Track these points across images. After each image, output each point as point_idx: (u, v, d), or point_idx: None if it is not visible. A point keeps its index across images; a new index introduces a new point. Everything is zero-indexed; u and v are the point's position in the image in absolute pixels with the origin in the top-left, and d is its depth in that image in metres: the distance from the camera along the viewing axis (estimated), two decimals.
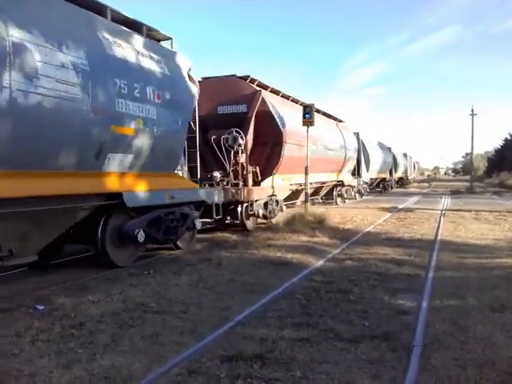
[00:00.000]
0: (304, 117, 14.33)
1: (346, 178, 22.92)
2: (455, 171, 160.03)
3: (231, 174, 12.03)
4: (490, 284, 6.39)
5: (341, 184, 22.32)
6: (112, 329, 4.60)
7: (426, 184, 61.37)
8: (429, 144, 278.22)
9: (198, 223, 9.44)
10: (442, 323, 4.78)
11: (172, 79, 8.55)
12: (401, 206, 20.56)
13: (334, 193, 22.33)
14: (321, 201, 22.11)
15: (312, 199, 18.81)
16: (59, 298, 5.65)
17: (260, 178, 12.71)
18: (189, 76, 9.15)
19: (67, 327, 4.59)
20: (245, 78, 12.95)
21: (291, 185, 15.17)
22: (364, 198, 27.88)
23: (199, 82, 12.00)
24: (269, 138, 12.90)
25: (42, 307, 5.29)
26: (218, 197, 10.62)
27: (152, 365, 3.78)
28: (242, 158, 12.23)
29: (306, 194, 15.17)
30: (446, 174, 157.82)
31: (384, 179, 37.54)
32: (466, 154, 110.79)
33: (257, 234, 11.19)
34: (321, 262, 8.02)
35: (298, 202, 17.57)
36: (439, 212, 17.63)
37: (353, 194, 24.85)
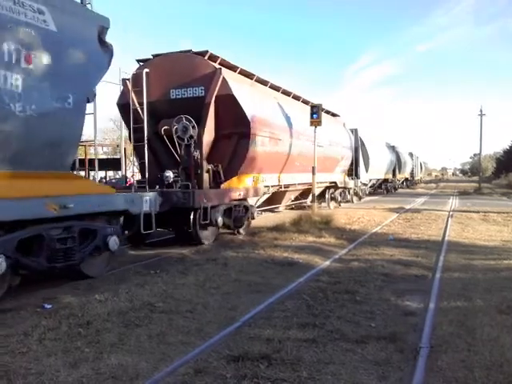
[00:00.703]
0: (312, 117, 14.35)
1: (340, 178, 20.29)
2: (463, 172, 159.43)
3: (182, 173, 10.06)
4: (498, 285, 6.34)
5: (334, 186, 19.64)
6: (119, 328, 4.62)
7: (434, 185, 61.10)
8: (437, 145, 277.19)
9: (114, 243, 6.87)
10: (449, 325, 4.75)
11: (61, 38, 6.17)
12: (408, 207, 20.48)
13: (327, 196, 19.55)
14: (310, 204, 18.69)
15: (296, 204, 17.41)
16: (66, 297, 5.69)
17: (223, 179, 10.44)
18: (99, 39, 6.78)
19: (74, 326, 4.61)
20: (202, 53, 10.51)
21: (266, 187, 12.61)
22: (366, 199, 26.79)
23: (149, 60, 10.78)
24: (234, 129, 10.54)
25: (49, 306, 5.32)
26: (150, 204, 7.88)
27: (158, 364, 3.79)
28: (196, 154, 10.00)
29: (313, 194, 15.18)
30: (453, 174, 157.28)
31: (386, 180, 35.31)
32: (474, 155, 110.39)
33: (263, 234, 11.17)
34: (327, 263, 8.00)
35: (282, 206, 15.52)
36: (447, 213, 17.54)
37: (349, 196, 22.65)
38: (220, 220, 10.12)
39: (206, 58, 10.48)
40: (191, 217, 9.51)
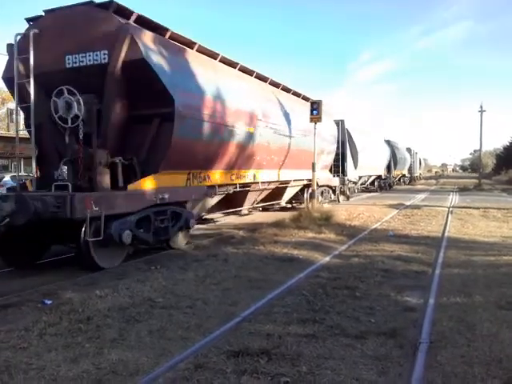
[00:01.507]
0: (312, 113, 14.30)
1: (322, 176, 16.89)
2: (463, 168, 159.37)
3: (68, 168, 7.51)
4: (498, 281, 6.36)
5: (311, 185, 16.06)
6: (119, 323, 4.63)
7: (434, 181, 61.08)
8: (437, 141, 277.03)
9: None
10: (449, 320, 4.76)
11: None
12: (408, 203, 20.48)
13: (305, 196, 16.48)
14: (286, 206, 16.88)
15: (266, 206, 15.05)
16: (67, 292, 5.70)
17: (138, 177, 7.83)
18: None
19: (75, 322, 4.62)
20: (105, 5, 7.66)
21: (211, 186, 9.75)
22: (357, 197, 24.80)
23: (40, 17, 8.11)
24: (153, 109, 7.90)
25: (49, 302, 5.33)
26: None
27: (159, 359, 3.80)
28: (94, 141, 7.46)
29: (313, 190, 15.17)
30: (453, 170, 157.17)
31: (380, 177, 32.46)
32: (474, 151, 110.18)
33: (263, 230, 11.18)
34: (327, 259, 8.02)
35: (245, 208, 12.85)
36: (446, 209, 17.55)
37: (333, 196, 19.42)
38: (127, 235, 7.23)
39: (112, 11, 7.62)
40: (82, 230, 6.90)
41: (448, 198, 24.58)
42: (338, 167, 20.78)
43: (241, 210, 12.71)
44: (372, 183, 31.82)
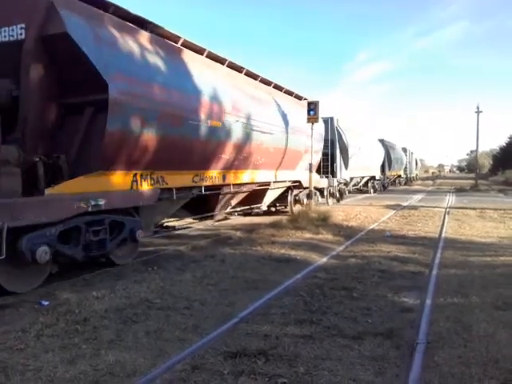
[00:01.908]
0: (308, 113, 14.30)
1: (307, 177, 14.91)
2: (460, 169, 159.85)
3: None
4: (494, 282, 6.37)
5: (298, 186, 15.05)
6: (116, 324, 4.62)
7: (431, 181, 61.16)
8: (434, 141, 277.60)
9: None
10: (446, 321, 4.78)
11: None
12: (405, 204, 20.53)
13: (289, 199, 15.07)
14: (271, 209, 15.61)
15: (243, 211, 13.38)
16: (64, 293, 5.69)
17: (66, 179, 6.33)
18: None
19: (72, 323, 4.61)
20: None
21: (166, 189, 8.11)
22: (348, 200, 23.01)
23: None
24: (83, 95, 6.50)
25: (46, 303, 5.32)
26: None
27: (156, 360, 3.80)
28: None
29: (310, 191, 15.18)
30: (450, 171, 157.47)
31: (373, 178, 30.48)
32: (471, 152, 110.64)
33: (260, 230, 11.18)
34: (324, 259, 8.02)
35: (218, 214, 11.30)
36: (443, 210, 17.59)
37: (320, 199, 17.51)
38: (43, 251, 5.67)
39: None
40: None
41: (445, 199, 24.63)
42: (328, 168, 19.22)
43: (213, 216, 11.21)
44: (365, 184, 29.99)
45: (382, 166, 33.03)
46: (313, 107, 14.27)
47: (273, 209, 15.95)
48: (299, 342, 4.20)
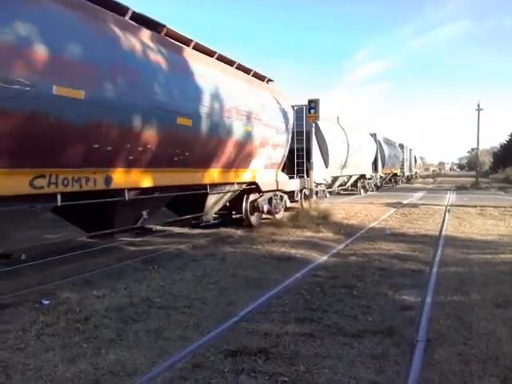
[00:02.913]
0: (309, 111, 14.31)
1: (268, 178, 12.24)
2: (460, 166, 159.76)
3: None
4: (494, 280, 6.37)
5: (255, 189, 11.66)
6: (117, 323, 4.63)
7: (431, 180, 61.15)
8: (434, 139, 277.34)
9: None
10: (446, 318, 4.78)
11: None
12: (405, 202, 20.51)
13: (244, 206, 11.63)
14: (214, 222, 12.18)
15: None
16: (64, 292, 5.69)
17: None
18: None
19: (72, 322, 4.62)
20: None
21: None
22: (336, 201, 19.83)
23: None
24: None
25: (47, 302, 5.32)
26: None
27: (156, 359, 3.80)
28: None
29: (311, 190, 15.19)
30: (451, 169, 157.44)
31: (363, 176, 26.84)
32: (472, 150, 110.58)
33: (261, 229, 11.19)
34: (325, 258, 8.03)
35: (119, 230, 7.95)
36: (444, 207, 17.58)
37: (288, 202, 14.15)
38: None
39: None
40: None
41: (445, 197, 24.62)
42: (303, 165, 15.63)
43: (113, 234, 8.05)
44: (354, 184, 26.48)
45: (375, 164, 29.92)
46: (313, 105, 14.30)
47: (213, 221, 12.12)
48: (299, 341, 4.21)
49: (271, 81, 12.84)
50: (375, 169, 30.11)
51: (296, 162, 15.43)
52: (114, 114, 6.45)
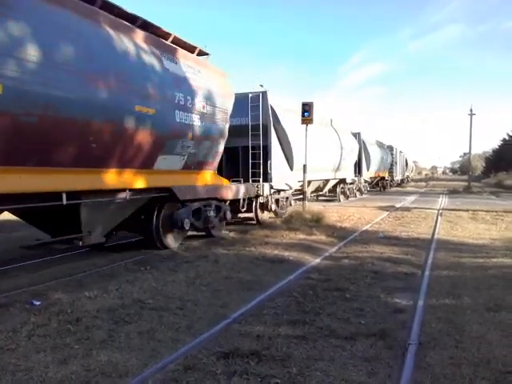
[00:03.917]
0: (303, 115, 14.30)
1: (198, 183, 9.80)
2: (453, 171, 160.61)
3: None
4: (486, 283, 6.41)
5: (171, 198, 8.82)
6: (108, 325, 4.60)
7: (424, 183, 61.41)
8: (427, 143, 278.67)
9: None
10: (438, 322, 4.80)
11: None
12: (398, 205, 20.59)
13: (154, 223, 8.80)
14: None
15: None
16: (56, 293, 5.65)
17: None
18: None
19: (63, 323, 4.59)
20: None
21: None
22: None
23: None
24: None
25: (38, 303, 5.29)
26: None
27: (148, 361, 3.78)
28: None
29: (304, 192, 15.19)
30: (443, 173, 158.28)
31: (343, 181, 23.14)
32: (464, 154, 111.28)
33: (254, 231, 11.18)
34: (318, 260, 8.03)
35: None
36: (436, 211, 17.66)
37: (228, 216, 11.06)
38: None
39: None
40: None
41: (438, 201, 24.74)
42: (260, 167, 12.87)
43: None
44: (334, 189, 23.27)
45: (358, 166, 26.90)
46: (307, 108, 14.27)
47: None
48: (292, 343, 4.21)
49: (205, 54, 10.13)
50: (359, 172, 27.30)
51: (251, 163, 12.79)
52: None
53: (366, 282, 6.49)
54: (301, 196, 16.73)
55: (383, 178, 37.22)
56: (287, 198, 15.39)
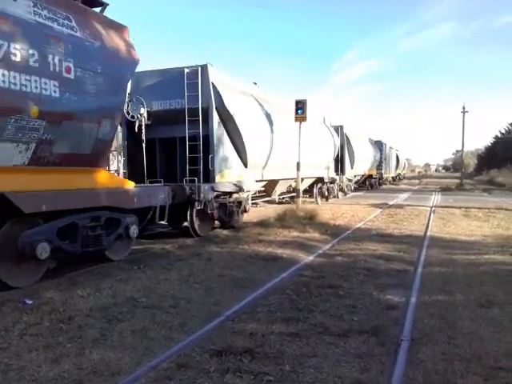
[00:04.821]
0: (296, 112, 14.32)
1: (72, 186, 6.61)
2: (446, 168, 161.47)
3: None
4: (478, 280, 6.44)
5: (9, 211, 5.76)
6: (101, 323, 4.59)
7: (417, 181, 61.68)
8: (420, 140, 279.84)
9: None
10: (430, 318, 4.82)
11: None
12: (391, 203, 20.67)
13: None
14: None
15: None
16: (48, 292, 5.63)
17: None
18: None
19: (56, 322, 4.57)
20: None
21: None
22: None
23: None
24: None
25: (30, 301, 5.26)
26: None
27: (141, 359, 3.78)
28: None
29: (298, 190, 15.24)
30: (436, 170, 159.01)
31: (321, 180, 20.52)
32: (457, 151, 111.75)
33: (247, 229, 11.18)
34: (311, 258, 8.05)
35: None
36: (429, 208, 17.75)
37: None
38: None
39: None
40: None
41: (430, 198, 24.85)
42: (199, 163, 10.20)
43: None
44: (310, 189, 20.73)
45: (341, 163, 24.34)
46: (301, 106, 14.30)
47: None
48: (285, 340, 4.21)
49: (99, 4, 7.34)
50: (341, 170, 24.53)
51: (188, 159, 10.21)
52: None
53: (359, 279, 6.51)
54: (267, 198, 15.89)
55: (371, 176, 34.91)
56: (239, 202, 11.97)
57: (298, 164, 14.51)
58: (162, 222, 9.35)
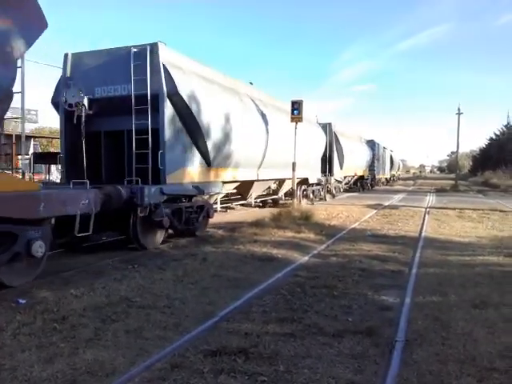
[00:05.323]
0: (292, 112, 14.32)
1: None
2: (440, 169, 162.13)
3: None
4: (472, 281, 6.46)
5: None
6: (95, 323, 4.56)
7: (412, 182, 61.84)
8: (415, 142, 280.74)
9: None
10: (425, 319, 4.83)
11: None
12: (386, 204, 20.71)
13: None
14: None
15: None
16: (41, 291, 5.60)
17: None
18: None
19: (49, 321, 4.54)
20: None
21: None
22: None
23: None
24: None
25: (23, 301, 5.23)
26: None
27: (135, 359, 3.76)
28: None
29: (293, 190, 15.24)
30: (431, 171, 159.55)
31: (305, 182, 18.80)
32: (452, 153, 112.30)
33: (243, 229, 11.16)
34: (306, 258, 8.05)
35: None
36: (424, 209, 17.79)
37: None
38: None
39: None
40: None
41: (425, 199, 24.92)
42: (148, 161, 8.78)
43: None
44: (292, 192, 17.11)
45: (329, 164, 22.92)
46: (297, 106, 14.30)
47: None
48: (280, 341, 4.21)
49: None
50: (329, 170, 23.13)
51: (134, 155, 8.84)
52: None
53: (354, 280, 6.51)
54: (242, 202, 14.58)
55: (362, 178, 33.56)
56: (201, 206, 10.39)
57: (294, 164, 14.52)
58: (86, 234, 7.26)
